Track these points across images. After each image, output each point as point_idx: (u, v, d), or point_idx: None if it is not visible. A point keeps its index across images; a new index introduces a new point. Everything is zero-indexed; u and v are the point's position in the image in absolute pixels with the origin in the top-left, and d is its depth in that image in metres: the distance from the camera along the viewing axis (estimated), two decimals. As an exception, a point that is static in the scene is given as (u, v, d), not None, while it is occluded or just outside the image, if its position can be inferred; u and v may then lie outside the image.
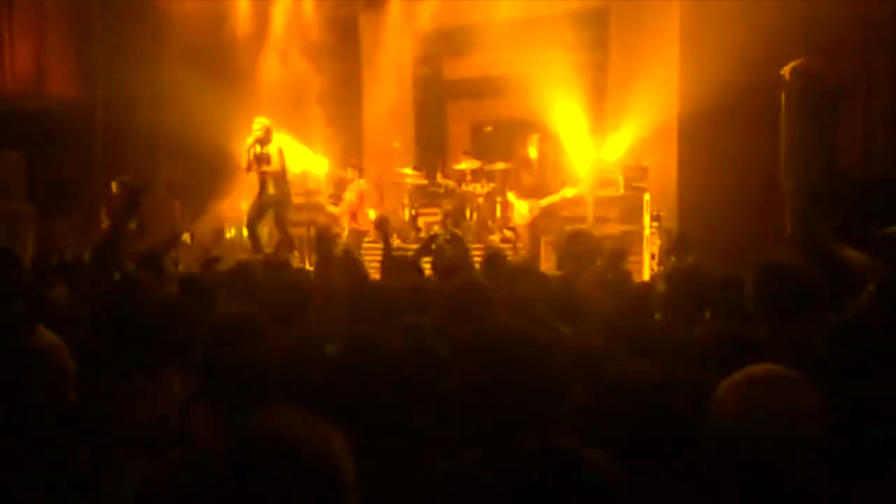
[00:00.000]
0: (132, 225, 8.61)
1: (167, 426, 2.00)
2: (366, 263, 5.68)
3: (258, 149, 7.89)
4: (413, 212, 9.86)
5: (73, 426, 1.69)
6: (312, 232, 9.32)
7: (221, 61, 10.21)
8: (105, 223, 8.74)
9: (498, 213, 9.38)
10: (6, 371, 1.70)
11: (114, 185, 8.64)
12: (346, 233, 8.84)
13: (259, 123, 7.94)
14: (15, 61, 9.28)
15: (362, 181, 9.04)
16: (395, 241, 9.34)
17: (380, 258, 5.29)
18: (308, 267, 7.95)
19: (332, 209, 8.91)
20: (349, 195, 9.02)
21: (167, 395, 2.20)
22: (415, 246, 8.16)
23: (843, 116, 5.79)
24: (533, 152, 7.92)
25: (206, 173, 10.02)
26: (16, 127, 8.64)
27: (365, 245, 8.87)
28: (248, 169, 7.99)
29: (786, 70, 5.75)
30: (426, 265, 4.96)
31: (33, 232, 8.23)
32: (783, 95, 5.71)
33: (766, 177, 6.36)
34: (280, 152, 8.06)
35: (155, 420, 1.98)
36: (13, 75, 9.23)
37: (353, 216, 8.94)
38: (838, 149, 5.62)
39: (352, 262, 4.62)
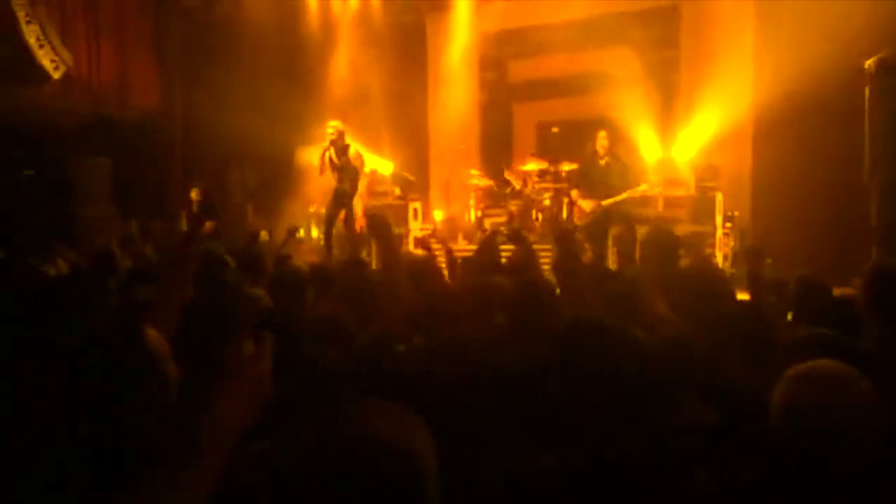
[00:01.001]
0: (208, 226, 8.94)
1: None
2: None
3: (332, 152, 8.02)
4: (479, 213, 9.88)
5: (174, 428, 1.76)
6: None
7: (291, 67, 10.46)
8: (185, 226, 9.08)
9: (564, 214, 9.31)
10: (118, 371, 1.77)
11: (192, 191, 8.94)
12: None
13: (332, 128, 8.07)
14: (101, 74, 9.72)
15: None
16: (461, 243, 9.41)
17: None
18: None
19: None
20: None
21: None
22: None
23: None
24: (600, 149, 7.83)
25: (277, 177, 10.29)
26: (102, 135, 9.04)
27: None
28: (322, 172, 8.13)
29: (870, 63, 5.52)
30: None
31: (116, 235, 8.59)
32: (867, 90, 5.48)
33: (847, 176, 6.13)
34: (358, 155, 8.17)
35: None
36: (99, 87, 9.67)
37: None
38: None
39: (419, 262, 4.66)
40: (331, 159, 8.01)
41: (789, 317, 3.25)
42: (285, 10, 10.66)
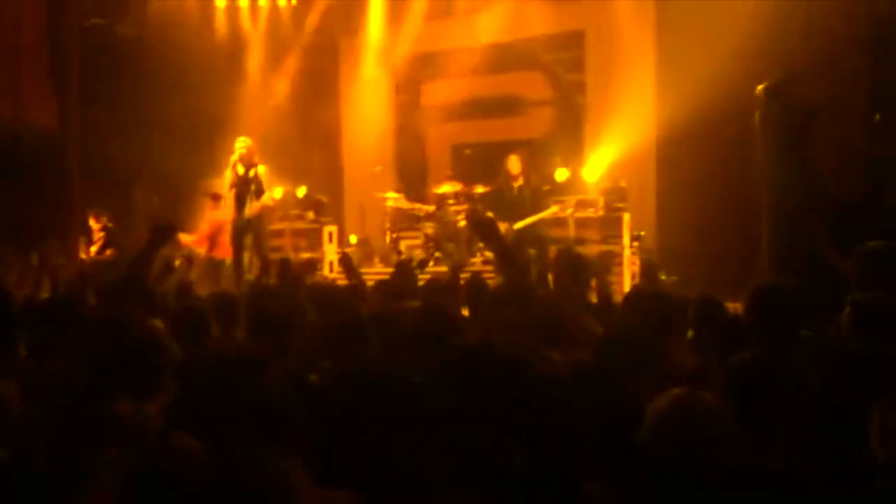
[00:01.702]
0: (108, 254, 8.56)
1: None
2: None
3: (241, 169, 7.83)
4: (394, 235, 9.86)
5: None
6: (290, 259, 9.29)
7: (199, 88, 10.20)
8: (86, 256, 8.66)
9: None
10: None
11: (90, 218, 8.57)
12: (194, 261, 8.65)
13: (242, 143, 7.90)
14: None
15: (220, 211, 8.84)
16: (377, 266, 9.36)
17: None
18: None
19: (184, 237, 8.73)
20: (203, 224, 8.84)
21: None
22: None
23: (817, 135, 5.90)
24: (512, 171, 7.97)
25: (183, 199, 9.96)
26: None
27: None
28: (231, 188, 7.93)
29: (759, 90, 5.86)
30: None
31: (12, 266, 8.11)
32: (757, 115, 5.81)
33: (744, 196, 6.45)
34: (265, 174, 8.02)
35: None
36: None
37: (211, 245, 8.78)
38: (812, 167, 5.72)
39: (328, 290, 4.58)
40: (238, 176, 7.83)
41: (689, 334, 3.37)
42: (192, 29, 10.42)
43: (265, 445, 1.81)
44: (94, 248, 8.71)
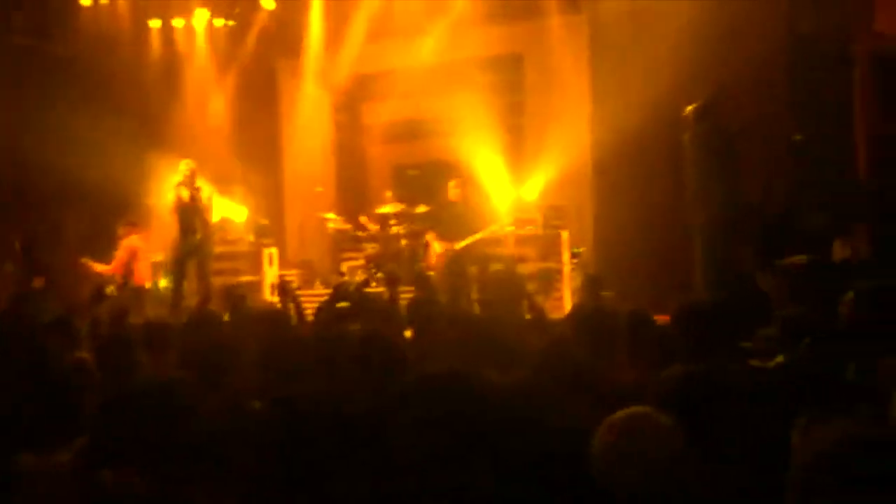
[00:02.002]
0: (38, 283, 8.27)
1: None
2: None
3: (185, 193, 7.70)
4: (336, 256, 9.79)
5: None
6: (231, 283, 9.15)
7: (135, 109, 10.00)
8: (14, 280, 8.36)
9: (421, 255, 9.43)
10: None
11: (15, 241, 8.29)
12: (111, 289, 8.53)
13: (185, 166, 7.79)
14: None
15: (135, 237, 8.77)
16: (319, 288, 9.27)
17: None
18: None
19: (98, 267, 8.63)
20: (119, 252, 8.70)
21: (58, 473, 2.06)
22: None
23: (743, 154, 6.14)
24: (453, 194, 8.04)
25: (117, 222, 9.70)
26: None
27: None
28: (174, 212, 7.79)
29: (687, 111, 6.08)
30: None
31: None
32: (686, 136, 6.01)
33: (675, 214, 6.66)
34: (209, 198, 7.92)
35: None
36: None
37: (128, 273, 8.67)
38: (740, 185, 5.95)
39: (270, 315, 4.54)
40: (181, 200, 7.70)
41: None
42: (127, 50, 10.22)
43: (193, 481, 1.78)
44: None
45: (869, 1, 5.97)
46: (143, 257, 8.69)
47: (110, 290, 6.73)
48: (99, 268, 8.58)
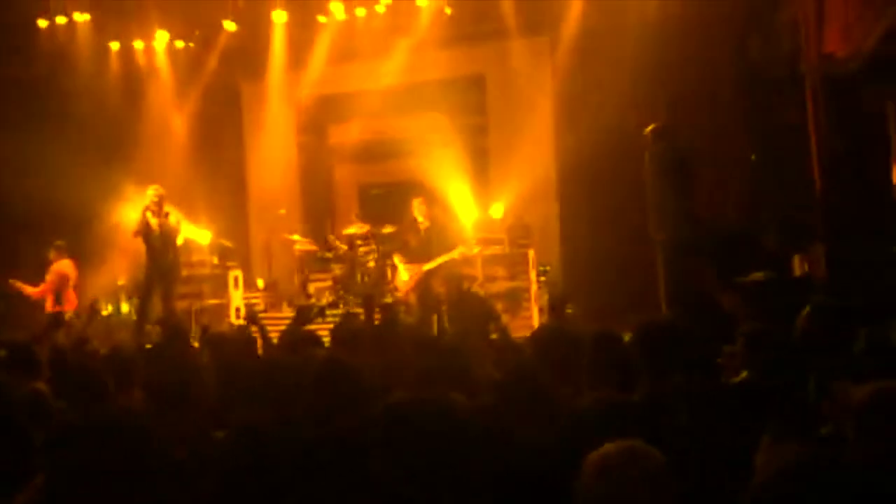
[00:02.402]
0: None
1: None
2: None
3: (153, 218, 7.64)
4: (303, 278, 9.73)
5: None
6: (196, 306, 9.04)
7: (99, 132, 9.88)
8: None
9: (389, 277, 9.42)
10: None
11: None
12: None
13: (154, 191, 7.73)
14: None
15: (66, 262, 8.65)
16: (286, 311, 9.19)
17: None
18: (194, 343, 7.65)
19: (28, 289, 8.50)
20: (49, 276, 8.57)
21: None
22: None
23: (698, 173, 6.30)
24: (418, 215, 8.06)
25: (79, 246, 9.53)
26: None
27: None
28: (136, 235, 7.70)
29: (647, 131, 6.22)
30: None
31: None
32: (646, 155, 6.14)
33: (638, 232, 6.76)
34: (178, 222, 7.88)
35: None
36: None
37: (57, 298, 8.59)
38: (696, 203, 6.08)
39: (235, 341, 4.50)
40: (149, 226, 7.63)
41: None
42: (85, 71, 10.09)
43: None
44: None
45: (818, 24, 6.18)
46: (72, 283, 8.57)
47: (69, 315, 6.58)
48: (28, 290, 8.45)
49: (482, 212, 9.36)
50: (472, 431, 2.14)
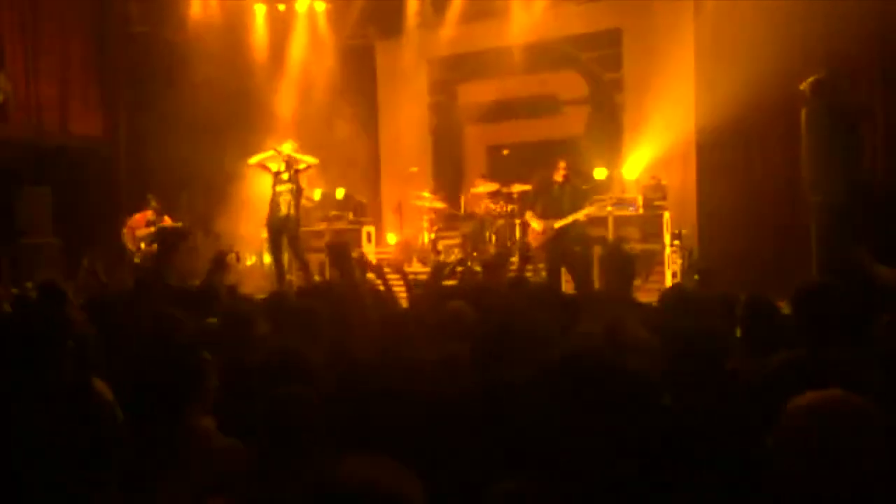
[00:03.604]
0: (153, 248, 8.80)
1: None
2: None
3: (282, 165, 7.95)
4: (432, 235, 9.91)
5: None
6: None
7: (240, 91, 10.37)
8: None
9: (517, 235, 9.40)
10: (64, 412, 1.71)
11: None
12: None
13: (290, 144, 8.04)
14: (40, 101, 9.47)
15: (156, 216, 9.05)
16: (416, 266, 9.41)
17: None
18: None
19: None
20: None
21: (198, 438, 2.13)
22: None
23: (864, 132, 5.77)
24: (551, 174, 7.95)
25: (226, 201, 10.14)
26: (41, 164, 8.81)
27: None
28: (261, 167, 8.03)
29: (805, 86, 5.74)
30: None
31: (59, 266, 8.35)
32: (803, 112, 5.69)
33: (788, 194, 6.36)
34: (306, 176, 8.16)
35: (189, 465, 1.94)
36: (40, 115, 9.41)
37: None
38: (861, 165, 5.60)
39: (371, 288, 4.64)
40: (279, 172, 7.96)
41: (738, 333, 3.33)
42: (233, 33, 10.60)
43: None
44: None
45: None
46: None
47: (230, 257, 6.90)
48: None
49: (616, 171, 9.11)
50: (644, 390, 2.08)
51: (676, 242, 8.32)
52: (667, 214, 8.26)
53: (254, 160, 8.08)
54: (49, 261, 8.36)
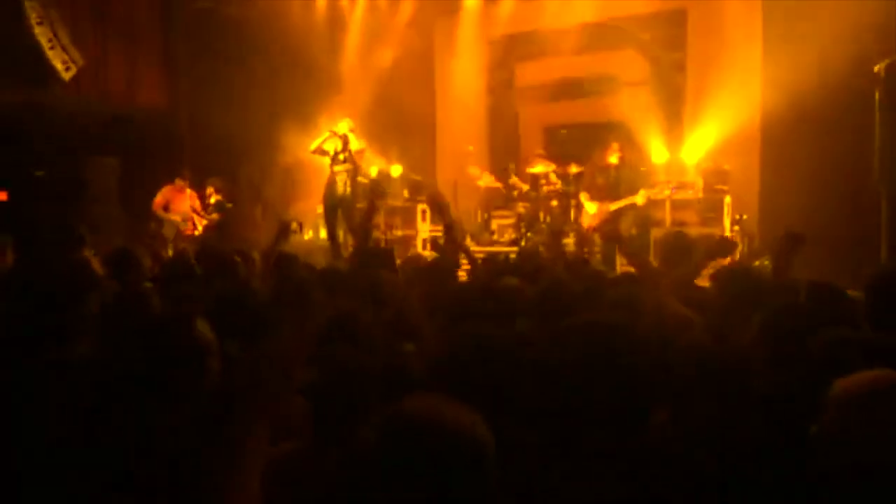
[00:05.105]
0: (214, 217, 9.02)
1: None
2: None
3: (339, 145, 8.03)
4: (486, 215, 9.91)
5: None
6: (388, 235, 9.49)
7: (300, 68, 10.50)
8: (200, 226, 9.14)
9: (571, 216, 9.34)
10: (174, 362, 1.80)
11: (209, 188, 9.05)
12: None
13: (344, 123, 8.11)
14: (110, 73, 9.76)
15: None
16: (469, 244, 9.42)
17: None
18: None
19: (165, 215, 8.91)
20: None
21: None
22: (490, 249, 8.22)
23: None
24: (609, 156, 7.86)
25: (285, 175, 10.33)
26: (111, 134, 9.08)
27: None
28: (317, 152, 8.10)
29: (880, 67, 5.52)
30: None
31: (125, 235, 8.63)
32: (877, 94, 5.48)
33: (856, 181, 6.14)
34: (361, 153, 8.21)
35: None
36: (108, 87, 9.71)
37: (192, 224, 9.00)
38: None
39: (433, 261, 4.68)
40: (336, 152, 8.04)
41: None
42: (294, 11, 10.71)
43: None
44: (203, 221, 9.19)
45: None
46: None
47: (294, 226, 7.03)
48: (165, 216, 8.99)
49: (675, 154, 8.95)
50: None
51: (736, 228, 8.16)
52: (728, 199, 8.09)
53: (313, 146, 8.15)
54: (115, 229, 8.64)
